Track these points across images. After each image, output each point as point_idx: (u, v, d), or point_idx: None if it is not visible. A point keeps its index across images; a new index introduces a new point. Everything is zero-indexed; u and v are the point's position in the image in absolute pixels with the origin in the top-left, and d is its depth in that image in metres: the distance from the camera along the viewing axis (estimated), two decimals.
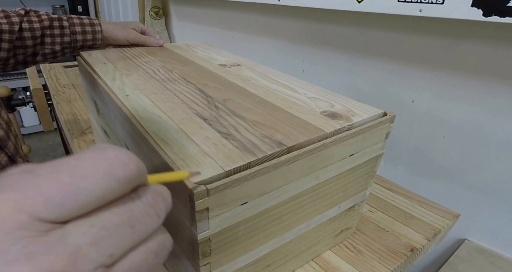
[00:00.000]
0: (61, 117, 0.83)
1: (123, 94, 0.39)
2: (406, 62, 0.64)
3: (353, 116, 0.36)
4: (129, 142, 0.37)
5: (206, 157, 0.28)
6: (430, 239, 0.49)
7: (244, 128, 0.32)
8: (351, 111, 0.37)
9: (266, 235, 0.33)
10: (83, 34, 0.58)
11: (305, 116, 0.36)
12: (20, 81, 2.46)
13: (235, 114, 0.35)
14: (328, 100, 0.41)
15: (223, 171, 0.26)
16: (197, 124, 0.33)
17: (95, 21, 0.59)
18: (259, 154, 0.28)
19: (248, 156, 0.28)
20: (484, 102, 0.55)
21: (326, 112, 0.37)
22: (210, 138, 0.30)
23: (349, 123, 0.34)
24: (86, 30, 0.58)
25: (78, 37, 0.58)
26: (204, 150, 0.29)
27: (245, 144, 0.30)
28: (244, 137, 0.31)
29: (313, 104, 0.39)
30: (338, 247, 0.47)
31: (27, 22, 0.54)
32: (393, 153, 0.71)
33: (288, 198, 0.32)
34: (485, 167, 0.57)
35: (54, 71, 1.20)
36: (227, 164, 0.27)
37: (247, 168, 0.27)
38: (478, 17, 0.45)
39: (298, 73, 0.87)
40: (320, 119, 0.35)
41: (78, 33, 0.58)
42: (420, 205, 0.56)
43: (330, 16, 0.74)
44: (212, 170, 0.26)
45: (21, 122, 2.59)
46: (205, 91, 0.41)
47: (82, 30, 0.58)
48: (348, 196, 0.41)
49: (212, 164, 0.27)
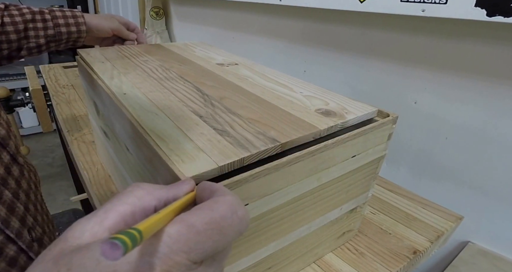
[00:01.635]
0: (61, 118, 0.83)
1: (121, 92, 0.40)
2: (408, 63, 0.64)
3: (347, 114, 0.37)
4: (129, 143, 0.37)
5: (200, 152, 0.29)
6: (433, 242, 0.49)
7: (239, 126, 0.33)
8: (345, 109, 0.38)
9: (267, 237, 0.33)
10: (67, 26, 0.58)
11: (299, 114, 0.37)
12: (19, 82, 2.46)
13: (230, 112, 0.36)
14: (323, 98, 0.41)
15: (217, 166, 0.27)
16: (193, 121, 0.34)
17: (78, 13, 0.60)
18: (253, 150, 0.29)
19: (242, 152, 0.29)
20: (488, 103, 0.55)
21: (320, 110, 0.38)
22: (205, 134, 0.31)
23: (342, 121, 0.35)
24: (69, 22, 0.59)
25: (62, 30, 0.58)
26: (199, 146, 0.30)
27: (239, 140, 0.31)
28: (238, 133, 0.32)
29: (308, 103, 0.40)
30: (340, 249, 0.47)
31: (8, 16, 0.54)
32: (395, 154, 0.71)
33: (290, 199, 0.32)
34: (489, 168, 0.57)
35: (53, 71, 1.20)
36: (221, 159, 0.27)
37: (240, 163, 0.28)
38: (482, 17, 0.45)
39: (299, 74, 0.87)
40: (314, 117, 0.36)
41: (61, 26, 0.58)
42: (423, 207, 0.56)
43: (332, 16, 0.75)
44: (206, 165, 0.27)
45: (20, 124, 2.59)
46: (202, 90, 0.42)
47: (65, 22, 0.58)
48: (350, 198, 0.41)
49: (206, 159, 0.28)
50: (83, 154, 0.67)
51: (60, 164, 2.34)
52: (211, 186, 0.22)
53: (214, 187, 0.21)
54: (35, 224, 0.40)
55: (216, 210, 0.18)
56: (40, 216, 0.43)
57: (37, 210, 0.42)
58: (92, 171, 0.61)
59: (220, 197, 0.19)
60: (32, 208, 0.41)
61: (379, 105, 0.39)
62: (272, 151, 0.30)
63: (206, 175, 0.26)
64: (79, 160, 0.65)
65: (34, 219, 0.40)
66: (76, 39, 0.60)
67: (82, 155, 0.66)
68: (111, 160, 0.52)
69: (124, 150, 0.40)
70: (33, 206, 0.41)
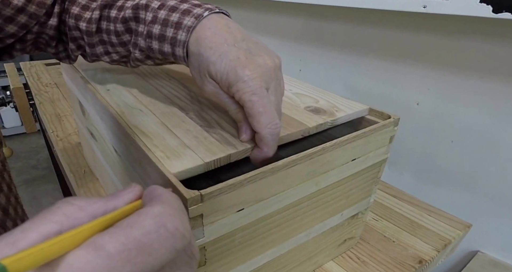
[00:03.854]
0: (44, 118, 0.83)
1: (104, 88, 0.41)
2: (410, 61, 0.64)
3: (337, 112, 0.38)
4: (116, 144, 0.38)
5: (186, 149, 0.30)
6: (440, 250, 0.49)
7: (227, 123, 0.34)
8: (336, 107, 0.39)
9: (264, 244, 0.34)
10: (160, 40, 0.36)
11: (289, 112, 0.38)
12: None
13: (218, 109, 0.37)
14: (313, 96, 0.43)
15: (203, 162, 0.28)
16: (179, 118, 0.35)
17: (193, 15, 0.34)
18: (240, 147, 0.30)
19: (228, 148, 0.30)
20: (495, 104, 0.55)
21: (310, 107, 0.39)
22: (191, 131, 0.33)
23: (332, 119, 0.37)
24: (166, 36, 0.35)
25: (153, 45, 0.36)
26: (184, 142, 0.31)
27: (226, 137, 0.32)
28: (226, 130, 0.33)
29: (298, 100, 0.41)
30: (341, 257, 0.47)
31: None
32: (398, 158, 0.71)
33: (287, 204, 0.33)
34: (498, 173, 0.58)
35: (35, 69, 1.21)
36: (207, 156, 0.29)
37: (227, 160, 0.29)
38: (488, 14, 0.46)
39: (294, 73, 0.88)
40: (303, 114, 0.37)
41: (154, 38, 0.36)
42: (428, 214, 0.57)
43: (330, 13, 0.75)
44: (192, 161, 0.28)
45: (2, 123, 2.59)
46: (189, 86, 0.43)
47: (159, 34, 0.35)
48: (351, 203, 0.41)
49: (192, 155, 0.29)
50: (69, 155, 0.67)
51: (45, 166, 2.33)
52: (152, 192, 0.20)
53: (155, 192, 0.19)
54: (2, 231, 0.40)
55: (137, 225, 0.16)
56: (12, 221, 0.42)
57: (7, 215, 0.42)
58: (78, 174, 0.61)
59: (145, 209, 0.17)
60: (0, 213, 0.40)
61: (379, 107, 0.40)
62: None
63: (192, 171, 0.27)
64: (65, 162, 0.65)
65: (1, 226, 0.40)
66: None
67: (68, 157, 0.66)
68: (98, 162, 0.52)
69: (112, 151, 0.41)
70: (1, 211, 0.41)
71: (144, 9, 0.35)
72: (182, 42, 0.32)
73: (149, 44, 0.34)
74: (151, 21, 0.34)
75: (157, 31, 0.33)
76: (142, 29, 0.35)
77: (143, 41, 0.35)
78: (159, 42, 0.33)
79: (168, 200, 0.18)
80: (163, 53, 0.34)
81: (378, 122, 0.38)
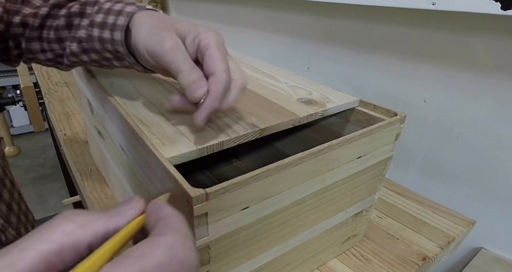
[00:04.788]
0: (53, 117, 0.84)
1: (108, 82, 0.43)
2: (417, 59, 0.64)
3: (328, 103, 0.40)
4: (123, 142, 0.38)
5: (181, 136, 0.32)
6: (443, 247, 0.49)
7: (222, 112, 0.36)
8: (327, 98, 0.41)
9: (269, 242, 0.33)
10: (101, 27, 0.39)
11: (282, 103, 0.39)
12: (9, 79, 2.47)
13: None
14: (307, 88, 0.44)
15: (196, 148, 0.30)
16: None
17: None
18: (232, 134, 0.32)
19: (221, 136, 0.32)
20: (503, 102, 0.55)
21: (302, 99, 0.41)
22: (187, 120, 0.34)
23: (323, 109, 0.38)
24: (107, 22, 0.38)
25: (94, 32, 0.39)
26: (180, 130, 0.33)
27: (220, 126, 0.34)
28: (220, 119, 0.35)
29: (292, 92, 0.43)
30: (344, 255, 0.47)
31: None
32: (403, 155, 0.71)
33: (292, 202, 0.32)
34: (503, 170, 0.57)
35: (46, 68, 1.21)
36: (201, 142, 0.30)
37: (220, 147, 0.31)
38: (496, 11, 0.45)
39: (302, 71, 0.87)
40: (296, 105, 0.39)
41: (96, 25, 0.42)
42: (432, 211, 0.56)
43: (338, 10, 0.75)
44: (185, 147, 0.30)
45: (11, 122, 2.61)
46: None
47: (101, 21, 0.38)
48: (355, 201, 0.41)
49: (186, 142, 0.31)
50: (76, 154, 0.67)
51: (52, 164, 2.35)
52: (158, 210, 0.19)
53: (162, 213, 0.19)
54: (7, 226, 0.40)
55: (149, 257, 0.16)
56: (16, 216, 0.42)
57: (10, 210, 0.41)
58: (85, 172, 0.61)
59: (156, 237, 0.17)
60: (4, 208, 0.40)
61: (386, 104, 0.39)
62: (251, 136, 0.33)
63: (185, 156, 0.29)
64: (72, 161, 0.65)
65: (5, 221, 0.40)
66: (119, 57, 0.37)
67: (75, 156, 0.66)
68: (105, 161, 0.52)
69: (119, 150, 0.40)
70: (5, 206, 0.41)
71: (92, 4, 0.37)
72: (120, 26, 0.34)
73: (90, 32, 0.35)
74: (95, 12, 0.36)
75: (99, 19, 0.35)
76: (86, 22, 0.36)
77: (84, 31, 0.36)
78: (100, 29, 0.35)
79: (178, 226, 0.18)
80: (102, 41, 0.35)
81: (385, 120, 0.37)
